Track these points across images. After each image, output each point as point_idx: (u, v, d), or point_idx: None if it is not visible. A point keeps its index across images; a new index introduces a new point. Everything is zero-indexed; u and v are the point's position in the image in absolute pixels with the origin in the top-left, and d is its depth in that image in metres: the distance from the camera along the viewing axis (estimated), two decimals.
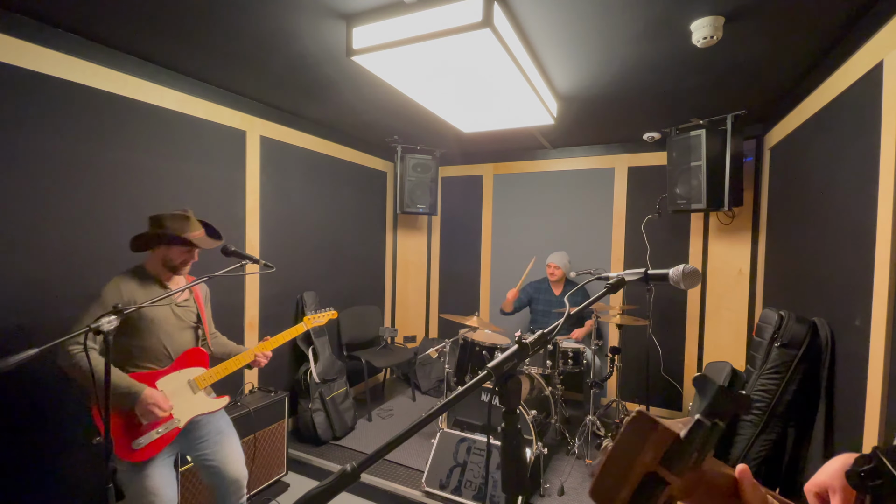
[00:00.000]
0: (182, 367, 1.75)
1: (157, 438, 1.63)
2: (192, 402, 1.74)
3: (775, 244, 3.02)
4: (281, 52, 2.22)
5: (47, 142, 2.02)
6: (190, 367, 1.77)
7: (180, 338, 1.78)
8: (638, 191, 3.86)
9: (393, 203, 4.56)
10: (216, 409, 1.83)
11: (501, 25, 1.75)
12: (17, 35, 1.90)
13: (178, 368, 1.74)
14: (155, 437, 1.62)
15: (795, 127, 2.59)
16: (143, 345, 1.67)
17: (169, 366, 1.73)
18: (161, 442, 1.64)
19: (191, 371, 1.77)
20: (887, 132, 1.62)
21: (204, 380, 1.78)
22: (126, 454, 1.57)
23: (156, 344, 1.69)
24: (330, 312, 2.27)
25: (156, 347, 1.69)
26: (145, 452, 1.60)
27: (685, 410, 3.65)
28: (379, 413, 3.76)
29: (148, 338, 1.68)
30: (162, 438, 1.64)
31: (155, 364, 1.70)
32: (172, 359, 1.74)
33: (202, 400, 1.78)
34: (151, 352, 1.69)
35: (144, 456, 1.60)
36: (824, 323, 2.05)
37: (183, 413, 1.70)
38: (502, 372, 0.78)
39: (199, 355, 1.82)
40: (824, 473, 0.59)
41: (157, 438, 1.63)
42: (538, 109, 2.64)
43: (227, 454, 1.85)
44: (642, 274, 0.98)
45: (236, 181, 2.95)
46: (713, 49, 2.03)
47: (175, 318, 1.77)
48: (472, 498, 2.39)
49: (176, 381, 1.72)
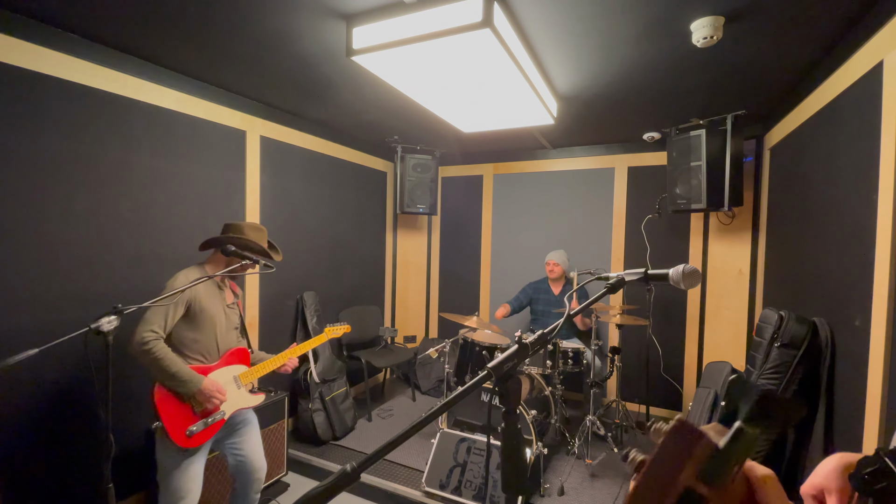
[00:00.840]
0: (229, 363, 1.89)
1: (207, 427, 1.76)
2: (236, 396, 1.88)
3: (775, 244, 3.02)
4: (281, 52, 2.22)
5: (47, 142, 2.02)
6: (235, 364, 1.92)
7: (228, 337, 1.92)
8: (638, 191, 3.86)
9: (393, 203, 4.56)
10: (255, 405, 1.98)
11: (501, 25, 1.75)
12: (17, 35, 1.90)
13: (225, 364, 1.88)
14: (203, 427, 1.75)
15: (795, 127, 2.59)
16: (200, 338, 1.80)
17: (217, 361, 1.86)
18: (210, 431, 1.78)
19: (236, 368, 1.91)
20: (887, 132, 1.62)
21: (247, 377, 1.93)
22: (180, 440, 1.70)
23: (210, 339, 1.83)
24: (345, 326, 2.38)
25: (209, 343, 1.84)
26: (197, 439, 1.74)
27: (685, 410, 3.65)
28: (379, 413, 3.76)
29: (205, 332, 1.81)
30: (211, 428, 1.78)
31: (206, 358, 1.84)
32: (220, 355, 1.88)
33: (244, 395, 1.93)
34: (205, 346, 1.82)
35: (196, 443, 1.74)
36: (824, 323, 2.05)
37: (228, 406, 1.84)
38: (502, 372, 0.78)
39: (244, 354, 1.97)
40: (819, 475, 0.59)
41: (207, 427, 1.76)
42: (538, 109, 2.64)
43: (254, 445, 1.99)
44: (642, 274, 0.98)
45: (236, 181, 2.95)
46: (713, 49, 2.03)
47: (226, 318, 1.91)
48: (472, 498, 2.39)
49: (224, 375, 1.85)
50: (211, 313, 1.82)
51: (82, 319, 1.35)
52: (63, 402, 2.06)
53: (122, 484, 2.19)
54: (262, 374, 1.96)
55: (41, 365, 1.97)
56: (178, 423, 1.70)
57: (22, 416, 1.94)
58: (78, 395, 2.10)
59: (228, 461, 1.96)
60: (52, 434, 2.03)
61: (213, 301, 1.85)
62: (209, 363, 1.83)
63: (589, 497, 2.59)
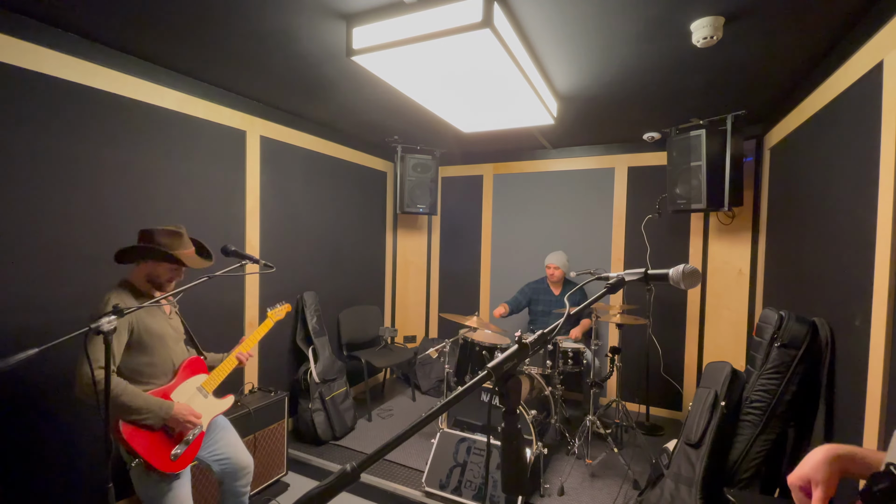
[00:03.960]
0: (187, 377, 1.82)
1: (189, 446, 1.71)
2: (206, 406, 1.83)
3: (775, 244, 3.02)
4: (281, 52, 2.22)
5: (47, 142, 2.02)
6: (195, 376, 1.85)
7: (178, 350, 1.84)
8: (638, 191, 3.86)
9: (393, 203, 4.56)
10: (227, 408, 1.92)
11: (501, 25, 1.75)
12: (17, 35, 1.90)
13: (185, 379, 1.80)
14: (186, 446, 1.70)
15: (795, 127, 2.59)
16: (154, 361, 1.71)
17: (174, 378, 1.78)
18: (194, 448, 1.74)
19: (196, 378, 1.84)
20: (887, 132, 1.62)
21: (210, 384, 1.87)
22: (167, 466, 1.63)
23: (164, 359, 1.75)
24: (286, 306, 2.28)
25: (164, 362, 1.75)
26: (183, 461, 1.69)
27: (685, 410, 3.65)
28: (379, 413, 3.76)
29: (157, 353, 1.72)
30: (193, 446, 1.73)
31: (162, 379, 1.75)
32: (176, 371, 1.80)
33: (213, 402, 1.87)
34: (160, 367, 1.73)
35: (183, 465, 1.69)
36: (824, 323, 2.05)
37: (203, 418, 1.78)
38: (502, 372, 0.78)
39: (199, 363, 1.90)
40: (806, 466, 0.59)
41: (189, 446, 1.71)
42: (538, 109, 2.64)
43: (234, 445, 1.95)
44: (642, 274, 0.98)
45: (236, 181, 2.95)
46: (713, 49, 2.03)
47: (173, 331, 1.82)
48: (472, 498, 2.39)
49: (187, 390, 1.79)
50: (158, 332, 1.71)
51: (82, 319, 1.35)
52: (63, 402, 2.06)
53: (121, 484, 2.19)
54: (223, 377, 1.90)
55: (41, 365, 1.97)
56: (158, 451, 1.62)
57: (22, 416, 1.94)
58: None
59: (214, 469, 1.90)
60: (52, 434, 2.03)
61: (156, 319, 1.74)
62: (167, 383, 1.75)
63: (589, 497, 2.59)
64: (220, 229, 2.82)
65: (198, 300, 2.55)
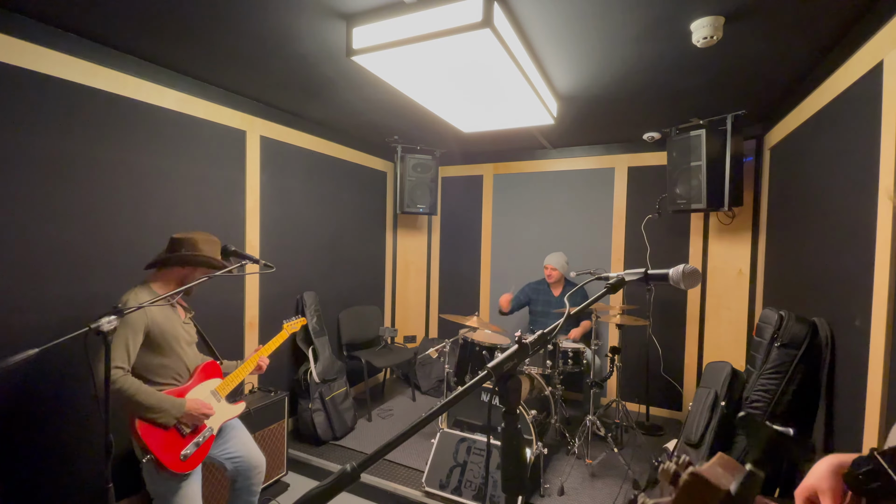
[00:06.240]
0: (203, 379, 1.86)
1: (200, 447, 1.74)
2: (218, 409, 1.86)
3: (775, 244, 3.02)
4: (281, 51, 2.22)
5: (47, 142, 2.02)
6: (210, 379, 1.89)
7: (191, 353, 1.88)
8: (638, 191, 3.86)
9: (393, 203, 4.56)
10: (239, 414, 1.97)
11: (501, 25, 1.75)
12: (18, 35, 1.90)
13: (199, 381, 1.84)
14: (196, 448, 1.73)
15: (795, 127, 2.59)
16: (167, 362, 1.75)
17: (189, 380, 1.83)
18: (203, 450, 1.77)
19: (211, 382, 1.88)
20: (887, 132, 1.62)
21: (224, 388, 1.90)
22: (176, 466, 1.66)
23: (177, 361, 1.78)
24: (301, 319, 2.38)
25: (177, 364, 1.79)
26: (192, 461, 1.71)
27: (685, 410, 3.65)
28: (379, 413, 3.76)
29: (171, 355, 1.76)
30: (203, 447, 1.76)
31: (177, 380, 1.79)
32: (190, 374, 1.84)
33: (226, 407, 1.91)
34: (174, 369, 1.77)
35: (192, 465, 1.71)
36: (824, 323, 2.05)
37: (214, 421, 1.83)
38: (502, 372, 0.78)
39: (214, 368, 1.94)
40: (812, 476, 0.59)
41: (199, 448, 1.74)
42: (538, 109, 2.64)
43: (247, 444, 1.99)
44: (642, 274, 0.98)
45: (236, 181, 2.95)
46: (713, 49, 2.03)
47: (187, 335, 1.86)
48: (472, 498, 2.39)
49: (201, 392, 1.83)
50: (172, 334, 1.75)
51: (82, 319, 1.35)
52: (63, 402, 2.06)
53: (121, 484, 2.19)
54: (237, 382, 1.94)
55: (41, 365, 1.97)
56: (170, 450, 1.66)
57: (22, 416, 1.94)
58: (78, 395, 2.10)
59: (227, 467, 1.94)
60: (52, 434, 2.03)
61: (171, 321, 1.77)
62: (182, 384, 1.79)
63: (589, 497, 2.59)
64: (220, 229, 2.82)
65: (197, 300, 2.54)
